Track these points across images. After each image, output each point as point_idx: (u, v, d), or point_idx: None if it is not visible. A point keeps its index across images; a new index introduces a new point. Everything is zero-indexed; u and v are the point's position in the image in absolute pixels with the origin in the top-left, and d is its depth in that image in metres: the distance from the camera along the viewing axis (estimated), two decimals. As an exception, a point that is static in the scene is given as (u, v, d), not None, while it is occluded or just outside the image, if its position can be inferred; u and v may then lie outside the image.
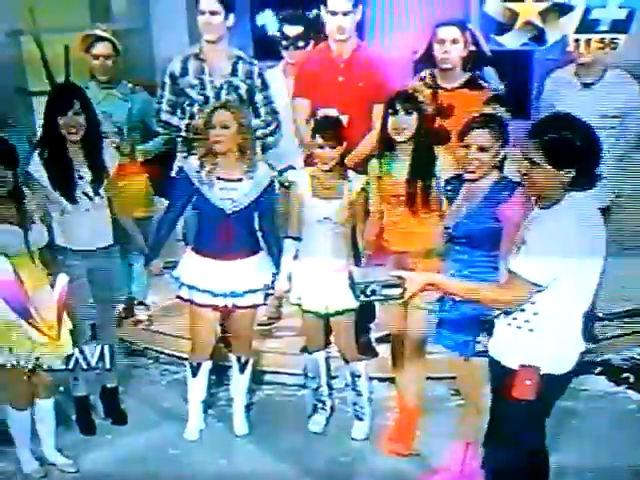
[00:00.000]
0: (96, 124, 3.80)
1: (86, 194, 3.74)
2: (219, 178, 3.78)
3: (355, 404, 4.00)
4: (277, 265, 3.87)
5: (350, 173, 3.83)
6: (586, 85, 4.20)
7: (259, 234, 3.90)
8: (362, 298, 2.93)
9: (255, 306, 3.95)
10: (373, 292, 2.91)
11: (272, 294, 3.97)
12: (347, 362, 3.96)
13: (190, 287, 3.85)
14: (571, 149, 2.70)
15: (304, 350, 4.03)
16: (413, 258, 3.54)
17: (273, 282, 3.89)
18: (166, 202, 4.10)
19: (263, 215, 3.86)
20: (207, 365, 3.99)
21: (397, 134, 3.62)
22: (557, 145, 2.71)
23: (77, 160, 3.74)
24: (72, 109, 3.67)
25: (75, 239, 3.75)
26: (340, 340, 3.95)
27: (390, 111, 3.62)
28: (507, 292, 2.81)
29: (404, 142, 3.63)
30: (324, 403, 4.05)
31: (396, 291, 2.90)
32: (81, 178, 3.73)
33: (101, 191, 3.78)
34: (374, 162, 3.75)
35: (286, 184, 4.05)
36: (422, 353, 3.77)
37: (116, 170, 3.89)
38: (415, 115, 3.61)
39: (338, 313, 3.84)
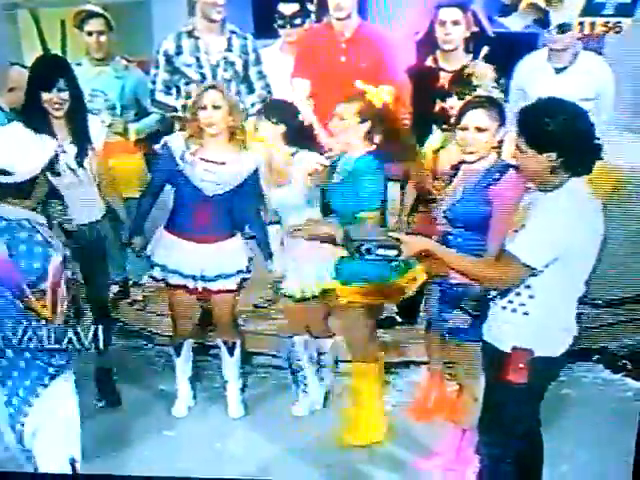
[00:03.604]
0: (80, 99, 3.75)
1: (69, 167, 3.70)
2: (203, 159, 3.73)
3: (304, 379, 3.99)
4: (267, 252, 3.85)
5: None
6: (558, 70, 4.16)
7: (242, 219, 3.85)
8: (356, 256, 2.88)
9: (230, 291, 3.89)
10: (368, 251, 2.87)
11: (248, 279, 3.91)
12: (314, 337, 3.94)
13: (162, 267, 3.84)
14: (546, 133, 2.72)
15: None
16: None
17: (248, 267, 3.86)
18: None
19: (248, 200, 3.80)
20: (189, 343, 4.02)
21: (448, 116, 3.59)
22: (534, 130, 2.75)
23: (60, 134, 3.68)
24: (57, 86, 3.63)
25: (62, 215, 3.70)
26: (313, 319, 3.91)
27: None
28: (501, 272, 2.81)
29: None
30: (306, 386, 4.02)
31: (392, 252, 2.86)
32: (64, 152, 3.68)
33: (85, 164, 3.74)
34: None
35: None
36: None
37: (109, 148, 3.86)
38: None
39: (315, 297, 3.78)
